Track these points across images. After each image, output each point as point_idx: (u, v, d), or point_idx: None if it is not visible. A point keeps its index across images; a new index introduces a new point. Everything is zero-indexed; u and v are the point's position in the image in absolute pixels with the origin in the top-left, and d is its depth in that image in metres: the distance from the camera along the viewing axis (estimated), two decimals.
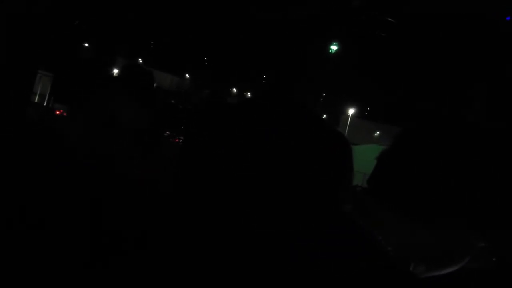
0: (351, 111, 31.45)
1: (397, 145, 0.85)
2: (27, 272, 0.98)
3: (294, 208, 0.76)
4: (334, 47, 18.79)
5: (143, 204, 1.13)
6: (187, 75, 36.49)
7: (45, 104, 22.70)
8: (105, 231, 1.06)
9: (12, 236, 1.00)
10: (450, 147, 0.78)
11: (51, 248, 1.01)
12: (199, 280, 0.79)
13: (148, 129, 1.12)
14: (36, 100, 22.55)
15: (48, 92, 23.08)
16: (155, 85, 1.20)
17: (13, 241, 1.00)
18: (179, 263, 0.88)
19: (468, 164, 0.76)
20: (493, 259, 0.82)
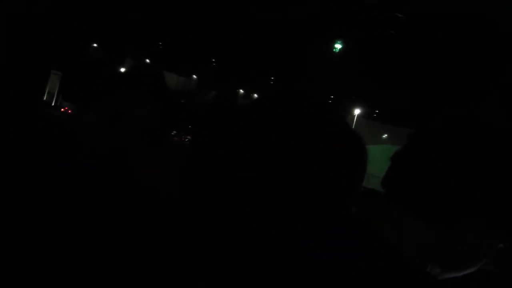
0: (357, 111, 31.34)
1: (413, 146, 0.83)
2: (28, 272, 0.97)
3: (299, 208, 0.76)
4: (338, 46, 18.72)
5: (148, 203, 1.13)
6: (194, 75, 36.84)
7: (53, 102, 22.96)
8: (110, 231, 1.05)
9: (20, 235, 0.99)
10: (468, 147, 0.76)
11: (58, 248, 1.00)
12: (201, 279, 0.79)
13: (156, 128, 1.11)
14: (44, 98, 22.78)
15: (56, 91, 23.33)
16: (165, 84, 1.19)
17: (20, 240, 0.99)
18: (183, 263, 0.88)
19: (487, 164, 0.74)
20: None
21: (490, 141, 0.76)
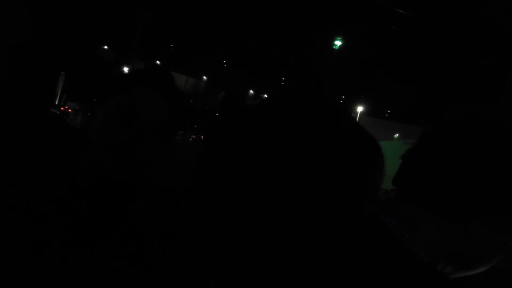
0: (359, 108, 30.86)
1: (424, 143, 0.83)
2: (31, 272, 0.98)
3: (311, 207, 0.76)
4: (338, 43, 18.55)
5: (157, 202, 1.14)
6: (204, 77, 36.93)
7: (56, 101, 23.02)
8: (118, 229, 1.07)
9: (25, 234, 1.00)
10: (481, 145, 0.76)
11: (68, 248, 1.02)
12: (211, 279, 0.80)
13: (165, 126, 1.13)
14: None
15: (59, 91, 23.38)
16: (175, 84, 1.21)
17: (25, 238, 1.00)
18: (192, 263, 0.89)
19: (500, 161, 0.75)
20: None
21: (503, 139, 0.76)
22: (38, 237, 1.00)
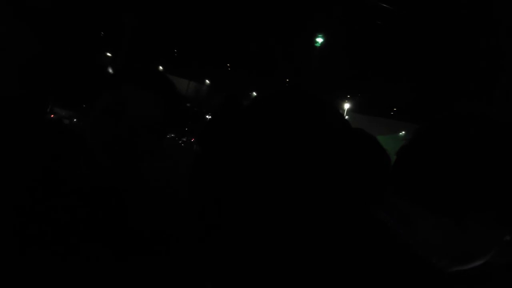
0: (346, 105, 30.57)
1: (419, 140, 0.85)
2: (29, 274, 1.00)
3: (307, 207, 0.77)
4: (319, 40, 18.47)
5: (155, 201, 1.16)
6: (207, 80, 36.95)
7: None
8: (117, 231, 1.09)
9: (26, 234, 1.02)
10: (474, 142, 0.80)
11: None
12: (208, 279, 0.81)
13: (158, 126, 1.14)
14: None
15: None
16: (170, 84, 1.23)
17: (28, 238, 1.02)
18: (190, 263, 0.90)
19: (493, 158, 0.78)
20: None
21: (495, 136, 0.78)
22: (38, 240, 1.02)
